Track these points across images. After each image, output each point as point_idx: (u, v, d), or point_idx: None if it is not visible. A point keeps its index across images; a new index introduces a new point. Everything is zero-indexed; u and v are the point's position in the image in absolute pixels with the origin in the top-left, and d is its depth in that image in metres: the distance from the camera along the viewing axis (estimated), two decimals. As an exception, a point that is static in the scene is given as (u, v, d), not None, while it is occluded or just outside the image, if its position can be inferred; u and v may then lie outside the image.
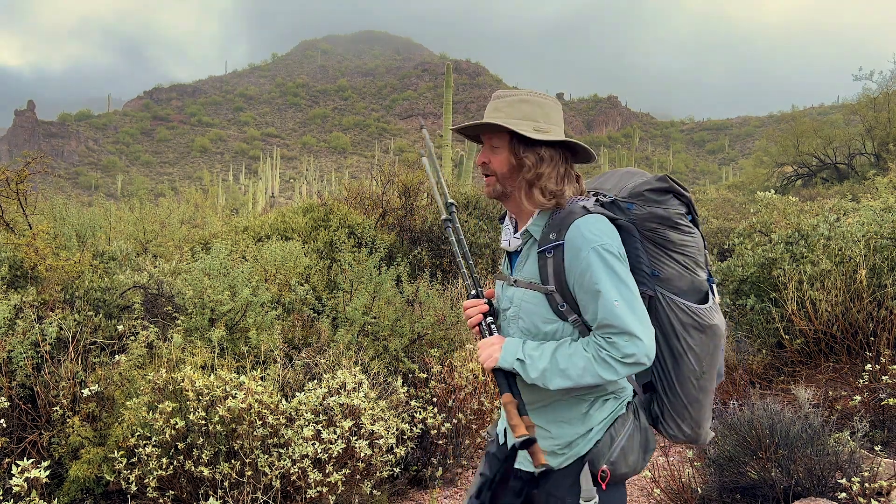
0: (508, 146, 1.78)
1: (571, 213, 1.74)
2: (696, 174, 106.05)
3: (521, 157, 1.76)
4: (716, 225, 15.98)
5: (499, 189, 1.81)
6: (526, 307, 1.78)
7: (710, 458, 3.50)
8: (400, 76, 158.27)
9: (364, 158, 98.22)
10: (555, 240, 1.73)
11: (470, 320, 1.86)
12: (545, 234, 1.76)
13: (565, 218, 1.74)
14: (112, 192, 75.79)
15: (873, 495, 2.91)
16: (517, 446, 1.66)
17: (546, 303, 1.75)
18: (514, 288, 1.83)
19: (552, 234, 1.74)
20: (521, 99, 1.79)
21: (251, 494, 3.07)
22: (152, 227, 7.95)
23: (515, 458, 1.89)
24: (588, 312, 1.69)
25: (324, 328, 4.50)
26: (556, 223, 1.74)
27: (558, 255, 1.72)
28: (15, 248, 4.04)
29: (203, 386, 3.13)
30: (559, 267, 1.72)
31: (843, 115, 32.68)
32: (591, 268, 1.66)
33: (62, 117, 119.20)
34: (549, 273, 1.73)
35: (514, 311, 1.83)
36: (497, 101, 1.81)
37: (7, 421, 3.20)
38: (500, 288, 1.92)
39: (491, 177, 1.81)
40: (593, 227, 1.70)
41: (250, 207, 34.83)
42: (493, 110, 1.78)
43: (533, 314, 1.77)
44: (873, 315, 4.46)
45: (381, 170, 10.53)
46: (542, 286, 1.75)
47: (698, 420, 1.86)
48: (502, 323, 1.88)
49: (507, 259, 1.93)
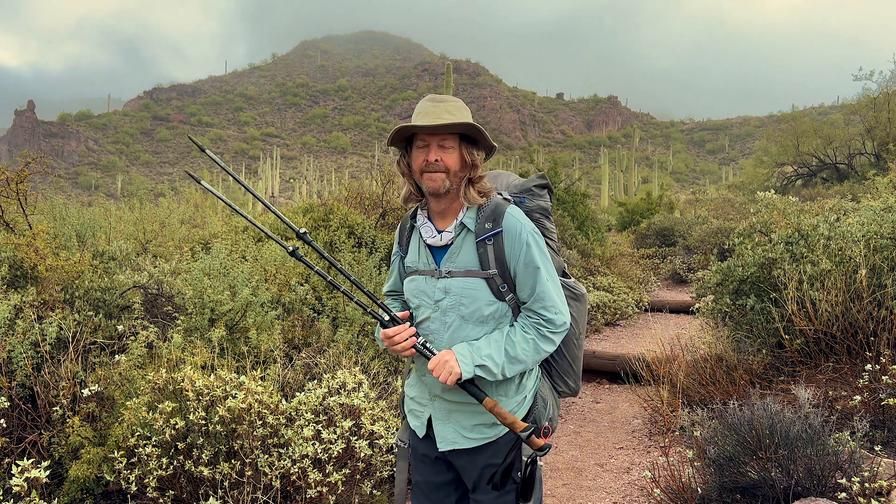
0: (459, 146, 1.94)
1: (498, 204, 1.96)
2: (696, 174, 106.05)
3: (473, 157, 1.94)
4: (716, 225, 15.98)
5: (447, 185, 1.93)
6: (468, 293, 1.93)
7: (710, 458, 3.50)
8: (400, 76, 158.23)
9: (364, 158, 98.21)
10: (492, 229, 1.92)
11: (401, 346, 1.91)
12: (480, 225, 1.94)
13: (496, 209, 1.95)
14: (112, 192, 75.80)
15: (873, 495, 2.91)
16: (524, 440, 1.84)
17: (486, 286, 1.93)
18: (447, 279, 1.96)
19: (487, 224, 1.93)
20: (464, 106, 1.97)
21: (251, 494, 3.07)
22: (152, 227, 7.95)
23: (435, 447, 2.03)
24: (525, 289, 1.92)
25: (324, 328, 4.50)
26: (489, 214, 1.94)
27: (498, 242, 1.92)
28: (15, 248, 4.04)
29: (203, 386, 3.13)
30: (500, 251, 1.91)
31: (843, 115, 32.71)
32: (531, 249, 1.91)
33: (62, 117, 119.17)
34: (490, 258, 1.92)
35: (451, 300, 1.96)
36: (444, 104, 1.93)
37: (7, 421, 3.20)
38: (423, 282, 2.02)
39: (441, 174, 1.92)
40: (521, 215, 1.96)
41: (250, 207, 34.81)
42: (447, 112, 1.90)
43: (476, 299, 1.93)
44: (873, 315, 4.46)
45: (381, 170, 10.53)
46: (482, 272, 1.93)
47: (578, 374, 2.17)
48: (434, 315, 1.99)
49: (428, 253, 2.03)
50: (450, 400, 1.99)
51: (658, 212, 24.19)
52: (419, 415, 2.08)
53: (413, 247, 2.09)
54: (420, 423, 2.08)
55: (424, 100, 1.97)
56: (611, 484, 4.21)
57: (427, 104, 1.93)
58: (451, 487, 2.09)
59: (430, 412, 2.04)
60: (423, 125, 1.88)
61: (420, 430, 2.07)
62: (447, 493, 2.09)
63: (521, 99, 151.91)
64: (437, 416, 2.02)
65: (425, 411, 2.05)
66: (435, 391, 2.02)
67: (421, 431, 2.07)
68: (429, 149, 1.92)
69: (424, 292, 2.01)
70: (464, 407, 1.97)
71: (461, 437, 1.97)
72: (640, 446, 4.88)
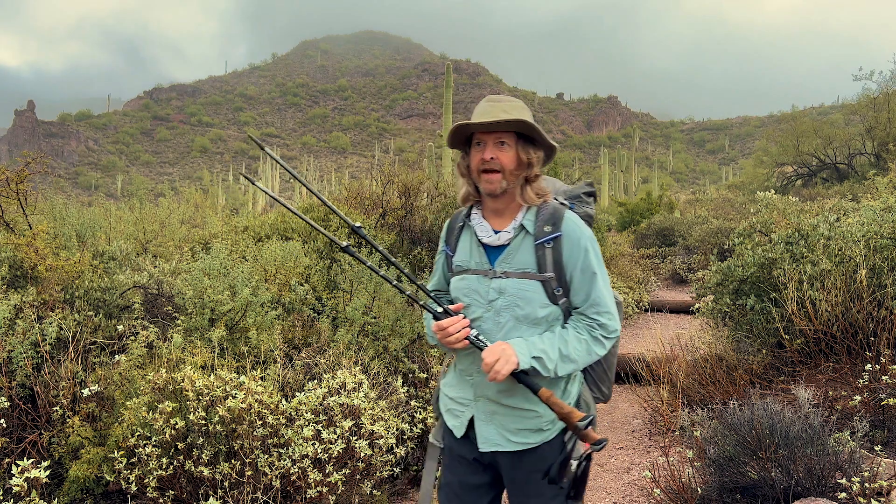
0: (516, 144, 1.93)
1: (557, 208, 1.96)
2: (696, 174, 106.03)
3: (530, 156, 1.93)
4: (716, 225, 15.97)
5: (504, 185, 1.93)
6: (524, 295, 1.92)
7: (710, 458, 3.50)
8: (400, 76, 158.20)
9: (364, 158, 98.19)
10: (551, 232, 1.92)
11: (454, 338, 1.89)
12: (540, 227, 1.93)
13: (554, 213, 1.95)
14: (112, 192, 75.79)
15: (873, 495, 2.91)
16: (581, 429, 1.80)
17: (542, 289, 1.92)
18: (503, 280, 1.94)
19: (547, 227, 1.92)
20: (523, 105, 1.96)
21: (251, 494, 3.07)
22: (152, 227, 7.95)
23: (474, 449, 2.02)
24: (580, 294, 1.92)
25: (324, 328, 4.50)
26: (548, 217, 1.94)
27: (557, 245, 1.91)
28: (15, 248, 4.04)
29: (203, 386, 3.13)
30: (558, 255, 1.91)
31: (843, 115, 32.70)
32: (588, 254, 1.92)
33: (62, 117, 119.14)
34: (548, 261, 1.91)
35: (506, 300, 1.94)
36: (501, 103, 1.93)
37: (7, 421, 3.20)
38: (476, 281, 1.99)
39: (497, 173, 1.92)
40: (580, 221, 1.96)
41: (250, 207, 34.84)
42: (502, 111, 1.90)
43: (531, 301, 1.92)
44: (873, 315, 4.46)
45: (381, 170, 10.54)
46: (539, 274, 1.92)
47: (611, 380, 2.18)
48: (487, 315, 1.96)
49: (482, 252, 2.01)
50: (496, 401, 1.97)
51: (658, 212, 24.20)
52: (459, 414, 2.06)
53: (464, 245, 2.07)
54: (460, 423, 2.05)
55: (483, 100, 1.98)
56: (611, 484, 4.21)
57: (485, 104, 1.95)
58: (485, 489, 2.07)
59: (473, 412, 2.01)
60: (477, 123, 1.90)
61: (459, 431, 2.04)
62: (481, 495, 2.07)
63: (521, 99, 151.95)
64: (480, 417, 2.00)
65: (467, 411, 2.03)
66: (481, 391, 1.99)
67: (459, 431, 2.04)
68: (485, 147, 1.93)
69: (476, 291, 1.99)
70: (509, 410, 1.96)
71: (504, 440, 1.96)
72: (640, 446, 4.88)
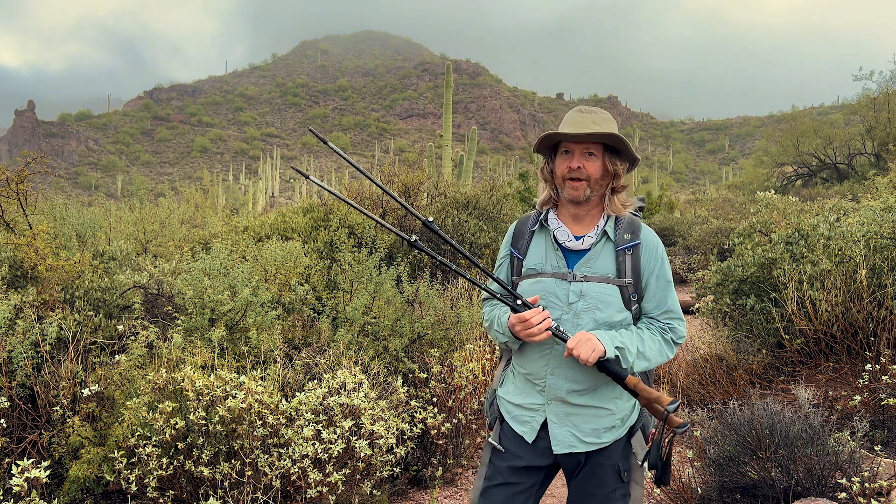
0: (603, 155, 2.01)
1: (634, 219, 2.07)
2: (696, 174, 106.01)
3: (616, 167, 2.02)
4: (716, 225, 15.97)
5: (588, 193, 2.02)
6: (605, 298, 1.99)
7: (710, 458, 3.49)
8: (400, 76, 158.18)
9: (364, 158, 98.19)
10: (630, 240, 2.02)
11: (537, 328, 1.91)
12: (620, 235, 2.03)
13: (632, 222, 2.06)
14: (112, 192, 75.80)
15: (873, 495, 2.91)
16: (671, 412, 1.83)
17: (619, 294, 2.00)
18: (583, 283, 2.01)
19: (627, 235, 2.03)
20: (611, 118, 2.05)
21: (251, 494, 3.07)
22: (152, 227, 7.95)
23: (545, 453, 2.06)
24: (654, 300, 2.02)
25: (324, 328, 4.50)
26: (628, 226, 2.04)
27: (636, 253, 2.01)
28: (15, 248, 4.04)
29: (203, 386, 3.13)
30: (636, 263, 2.01)
31: (843, 115, 32.70)
32: (664, 263, 2.04)
33: (62, 117, 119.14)
34: (627, 268, 2.00)
35: (586, 303, 2.00)
36: (591, 115, 2.02)
37: (7, 421, 3.19)
38: (553, 284, 2.04)
39: (583, 181, 2.01)
40: (654, 233, 2.08)
41: (250, 207, 34.84)
42: (592, 123, 1.98)
43: (610, 305, 1.99)
44: (873, 315, 4.46)
45: (381, 170, 10.53)
46: (617, 279, 2.00)
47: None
48: (566, 317, 2.01)
49: (560, 256, 2.06)
50: (569, 402, 2.02)
51: (658, 212, 24.19)
52: (528, 420, 2.08)
53: (537, 249, 2.11)
54: (530, 428, 2.07)
55: (573, 110, 2.06)
56: (611, 484, 4.20)
57: (575, 114, 2.03)
58: (531, 491, 2.09)
59: (545, 416, 2.05)
60: (568, 133, 1.97)
61: (529, 436, 2.07)
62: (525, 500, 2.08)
63: (521, 99, 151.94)
64: (553, 420, 2.04)
65: (537, 416, 2.07)
66: (553, 394, 2.03)
67: (531, 437, 2.07)
68: (572, 156, 2.01)
69: (554, 294, 2.03)
70: (583, 409, 2.01)
71: (578, 441, 2.01)
72: (640, 446, 4.87)
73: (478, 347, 4.76)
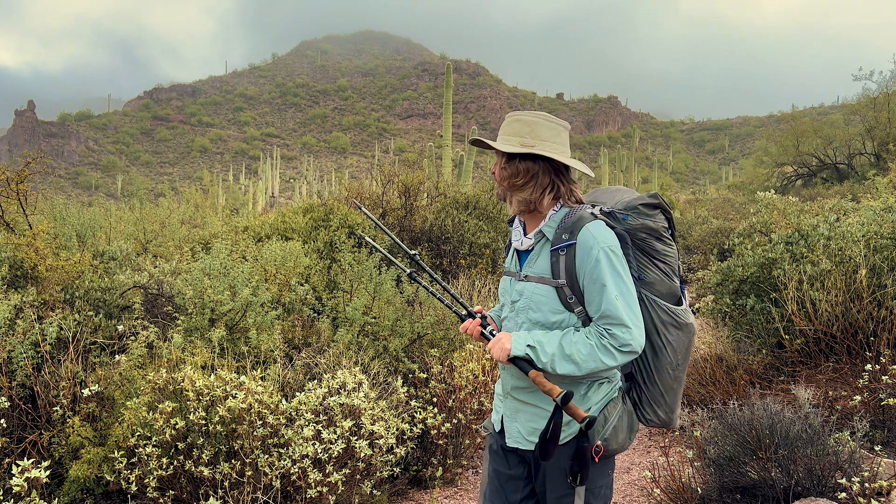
0: (498, 158, 2.06)
1: (581, 217, 1.99)
2: (696, 174, 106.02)
3: (503, 168, 2.04)
4: (716, 225, 15.97)
5: (499, 194, 2.11)
6: (537, 299, 2.01)
7: (710, 458, 3.50)
8: (400, 76, 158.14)
9: (364, 158, 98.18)
10: (567, 240, 1.97)
11: (471, 333, 2.14)
12: (558, 235, 1.99)
13: (576, 221, 1.98)
14: (112, 192, 75.80)
15: (873, 495, 2.91)
16: (559, 402, 1.86)
17: (556, 295, 1.98)
18: (524, 283, 2.06)
19: (564, 235, 1.97)
20: (517, 119, 2.05)
21: (251, 494, 3.07)
22: (152, 227, 7.95)
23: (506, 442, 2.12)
24: (592, 304, 1.93)
25: (324, 328, 4.50)
26: (569, 225, 1.98)
27: (570, 253, 1.96)
28: (15, 248, 4.05)
29: (203, 386, 3.13)
30: (571, 263, 1.96)
31: (843, 115, 32.68)
32: (600, 264, 1.91)
33: (62, 117, 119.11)
34: (560, 268, 1.97)
35: (524, 302, 2.05)
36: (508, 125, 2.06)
37: (7, 421, 3.19)
38: (509, 283, 2.16)
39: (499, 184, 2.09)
40: (602, 231, 1.95)
41: (250, 207, 34.84)
42: (501, 136, 2.06)
43: (544, 305, 2.00)
44: (873, 315, 4.46)
45: (381, 170, 10.54)
46: (552, 280, 1.99)
47: (672, 406, 2.11)
48: (510, 314, 2.11)
49: (516, 256, 2.15)
50: (517, 399, 2.09)
51: (658, 212, 24.09)
52: (498, 409, 2.20)
53: (510, 249, 2.22)
54: (497, 417, 2.20)
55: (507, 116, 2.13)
56: (611, 484, 4.20)
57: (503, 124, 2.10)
58: (520, 482, 2.14)
59: (503, 409, 2.16)
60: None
61: (497, 425, 2.19)
62: (516, 488, 2.14)
63: (521, 99, 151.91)
64: (507, 414, 2.13)
65: (501, 408, 2.18)
66: (506, 388, 2.13)
67: (497, 426, 2.18)
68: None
69: (507, 292, 2.16)
70: (527, 407, 2.06)
71: (523, 439, 2.07)
72: (640, 446, 4.88)
73: (478, 347, 4.76)
